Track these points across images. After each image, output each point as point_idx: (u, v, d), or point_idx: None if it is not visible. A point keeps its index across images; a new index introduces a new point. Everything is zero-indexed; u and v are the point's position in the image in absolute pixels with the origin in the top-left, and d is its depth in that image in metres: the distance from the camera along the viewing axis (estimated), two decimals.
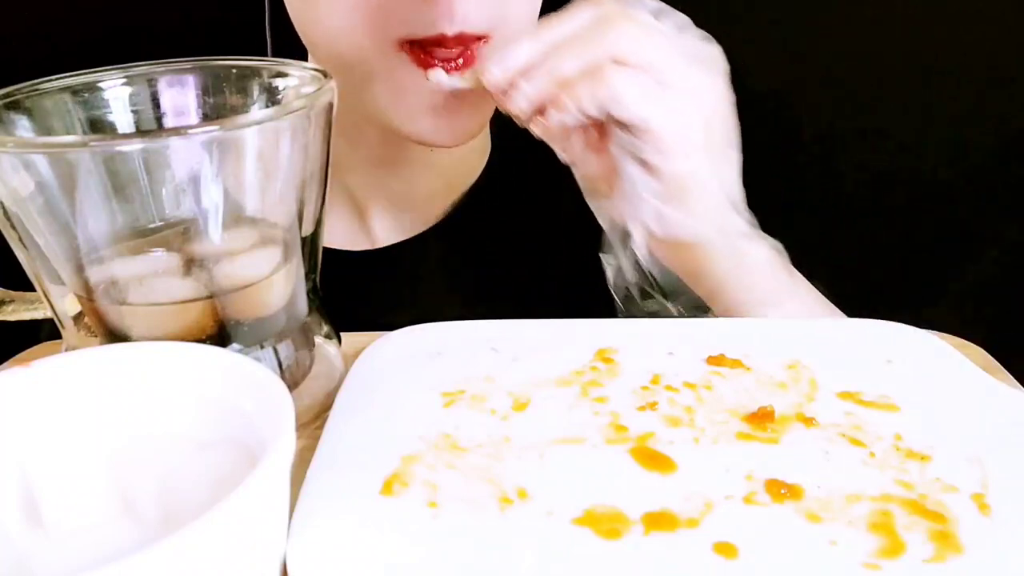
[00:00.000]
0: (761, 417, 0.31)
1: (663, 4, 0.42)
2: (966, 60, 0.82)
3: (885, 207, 0.90)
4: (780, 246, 0.45)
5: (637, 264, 0.45)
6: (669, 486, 0.28)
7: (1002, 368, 0.37)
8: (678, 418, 0.32)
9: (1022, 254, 0.91)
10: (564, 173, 0.62)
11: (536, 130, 0.42)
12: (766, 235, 0.45)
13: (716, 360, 0.35)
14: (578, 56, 0.39)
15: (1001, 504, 0.27)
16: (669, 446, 0.30)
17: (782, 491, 0.27)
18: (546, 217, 0.60)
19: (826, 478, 0.28)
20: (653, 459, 0.29)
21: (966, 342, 0.39)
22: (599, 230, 0.59)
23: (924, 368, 0.35)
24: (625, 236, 0.44)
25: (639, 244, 0.43)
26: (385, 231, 0.58)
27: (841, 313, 0.47)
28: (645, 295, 0.46)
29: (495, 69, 0.40)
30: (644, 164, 0.41)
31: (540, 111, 0.41)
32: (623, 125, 0.40)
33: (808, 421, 0.31)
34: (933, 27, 0.82)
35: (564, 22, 0.41)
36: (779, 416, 0.31)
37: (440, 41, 0.43)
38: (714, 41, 0.43)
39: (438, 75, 0.43)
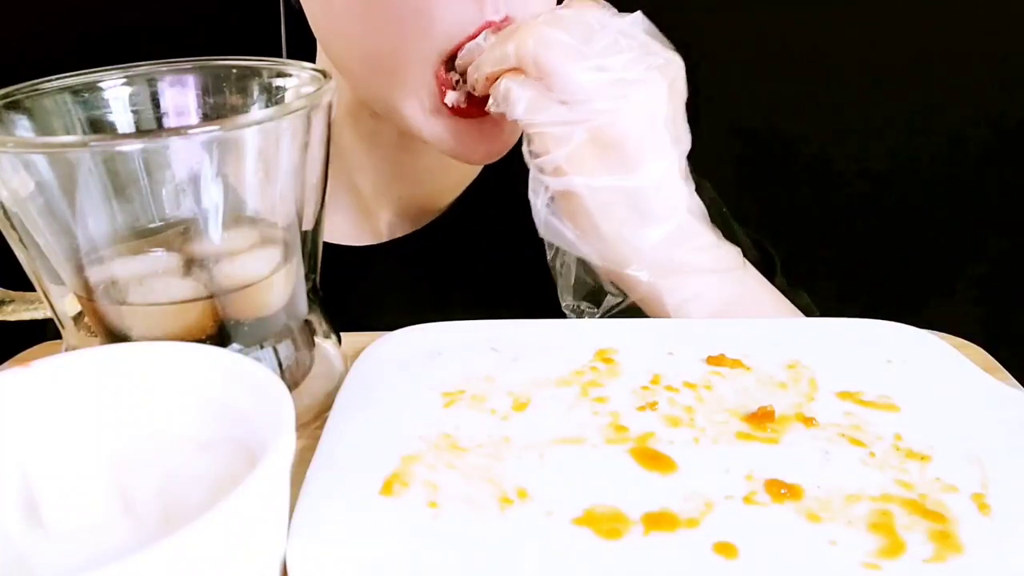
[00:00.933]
0: (761, 417, 0.31)
1: (612, 21, 0.42)
2: (965, 60, 0.83)
3: (885, 207, 0.90)
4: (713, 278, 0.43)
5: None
6: (669, 486, 0.28)
7: (1002, 368, 0.37)
8: (678, 418, 0.32)
9: (1022, 254, 0.91)
10: None
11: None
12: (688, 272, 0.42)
13: (716, 360, 0.35)
14: (491, 56, 0.42)
15: (1001, 504, 0.27)
16: (669, 446, 0.30)
17: (782, 491, 0.27)
18: None
19: (826, 478, 0.28)
20: (653, 459, 0.29)
21: (966, 342, 0.39)
22: None
23: (924, 368, 0.35)
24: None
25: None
26: (389, 227, 0.58)
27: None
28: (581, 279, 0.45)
29: (460, 55, 0.43)
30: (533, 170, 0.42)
31: None
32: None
33: (808, 421, 0.31)
34: (933, 27, 0.82)
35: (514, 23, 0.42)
36: (779, 416, 0.31)
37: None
38: (665, 59, 0.42)
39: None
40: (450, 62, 0.44)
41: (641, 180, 0.41)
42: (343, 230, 0.58)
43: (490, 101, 0.43)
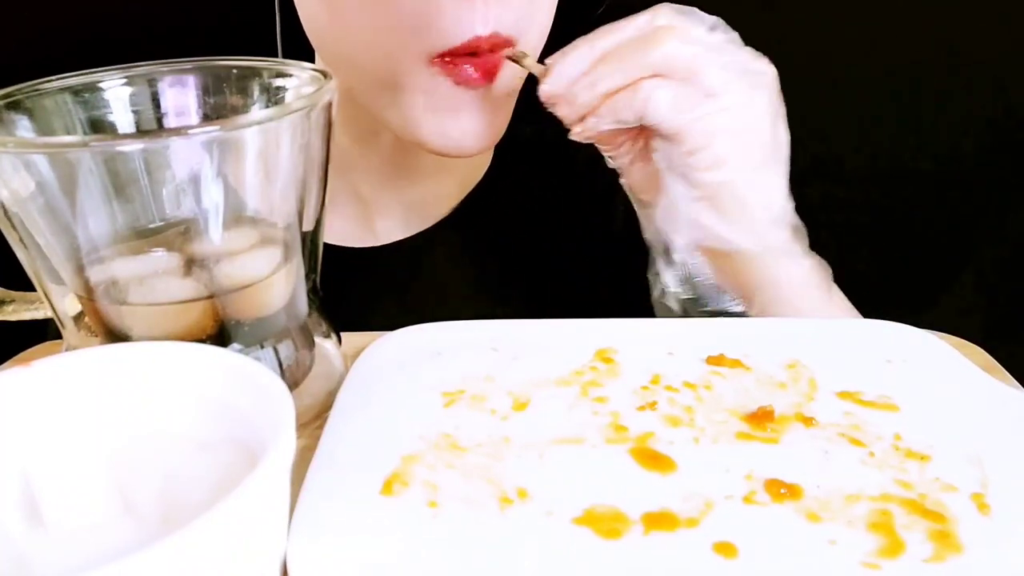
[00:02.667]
0: (761, 417, 0.31)
1: (718, 19, 0.42)
2: (965, 60, 0.82)
3: (885, 207, 0.90)
4: (823, 263, 0.45)
5: (679, 277, 0.45)
6: (669, 486, 0.28)
7: (1002, 368, 0.37)
8: (678, 418, 0.32)
9: (1022, 254, 0.91)
10: (567, 173, 0.62)
11: (580, 136, 0.42)
12: (811, 252, 0.45)
13: (716, 360, 0.35)
14: (621, 67, 0.40)
15: (1001, 504, 0.27)
16: (669, 446, 0.30)
17: (782, 491, 0.27)
18: (548, 217, 0.60)
19: (826, 478, 0.28)
20: (653, 459, 0.29)
21: (966, 342, 0.39)
22: (601, 230, 0.59)
23: (924, 368, 0.35)
24: (666, 247, 0.44)
25: (680, 250, 0.44)
26: (389, 229, 0.58)
27: None
28: (687, 312, 0.45)
29: (552, 81, 0.41)
30: (681, 173, 0.42)
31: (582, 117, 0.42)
32: (663, 134, 0.41)
33: (808, 421, 0.31)
34: (933, 27, 0.82)
35: (617, 31, 0.41)
36: (779, 416, 0.31)
37: (474, 47, 0.43)
38: (764, 58, 0.43)
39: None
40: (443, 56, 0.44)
41: (780, 171, 0.44)
42: (344, 231, 0.58)
43: (589, 122, 0.41)
